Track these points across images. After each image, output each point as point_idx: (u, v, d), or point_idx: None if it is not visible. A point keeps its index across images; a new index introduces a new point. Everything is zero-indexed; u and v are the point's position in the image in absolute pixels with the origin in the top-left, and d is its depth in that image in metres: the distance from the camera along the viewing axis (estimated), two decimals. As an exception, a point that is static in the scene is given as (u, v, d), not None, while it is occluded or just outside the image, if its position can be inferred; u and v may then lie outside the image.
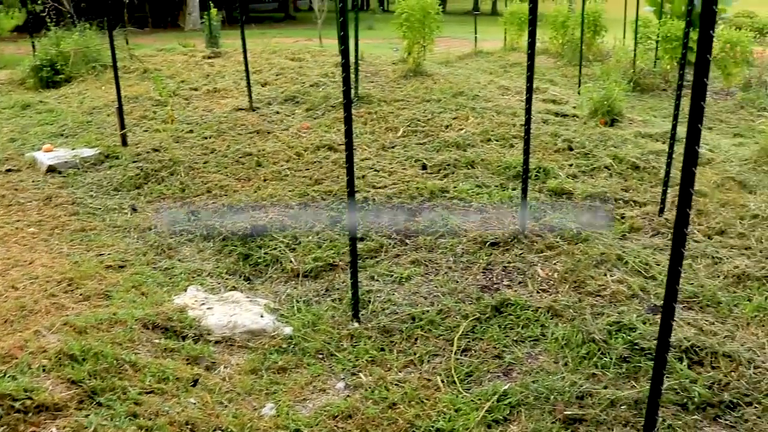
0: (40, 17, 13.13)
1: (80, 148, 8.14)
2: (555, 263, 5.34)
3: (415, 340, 4.50)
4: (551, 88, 11.45)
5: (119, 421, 3.48)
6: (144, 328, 4.41)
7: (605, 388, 3.92)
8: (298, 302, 5.01)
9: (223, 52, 13.47)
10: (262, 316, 4.70)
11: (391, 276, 5.27)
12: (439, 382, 4.07)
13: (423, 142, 7.96)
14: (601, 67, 13.46)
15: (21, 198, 6.83)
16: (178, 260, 5.66)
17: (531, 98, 5.38)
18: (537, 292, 4.99)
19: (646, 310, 4.69)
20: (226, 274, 5.46)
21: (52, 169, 7.58)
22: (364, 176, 7.00)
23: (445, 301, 4.89)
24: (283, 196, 6.66)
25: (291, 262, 5.52)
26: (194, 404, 3.74)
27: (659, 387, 3.10)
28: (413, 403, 3.85)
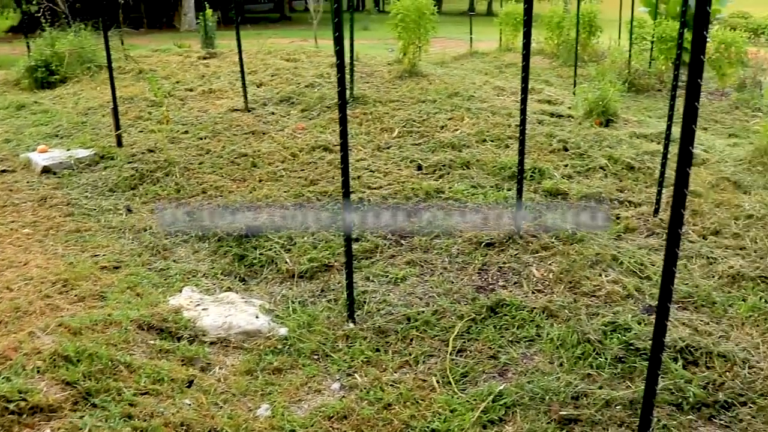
0: (35, 18, 13.09)
1: (75, 148, 8.12)
2: (550, 264, 5.35)
3: (411, 340, 4.50)
4: (546, 89, 11.47)
5: (114, 422, 3.47)
6: (139, 329, 4.40)
7: (600, 388, 3.93)
8: (293, 303, 5.01)
9: (219, 53, 13.46)
10: (258, 317, 4.70)
11: (387, 276, 5.27)
12: (434, 383, 4.07)
13: (418, 143, 7.97)
14: (596, 67, 13.43)
15: (16, 199, 6.81)
16: (173, 261, 5.65)
17: (526, 99, 5.39)
18: (532, 292, 5.00)
19: (641, 310, 4.70)
20: (222, 274, 5.45)
21: (47, 170, 7.57)
22: (359, 177, 7.01)
23: (441, 301, 4.90)
24: (278, 197, 6.66)
25: (286, 262, 5.52)
26: (189, 405, 3.74)
27: (654, 387, 3.10)
28: (408, 403, 3.85)
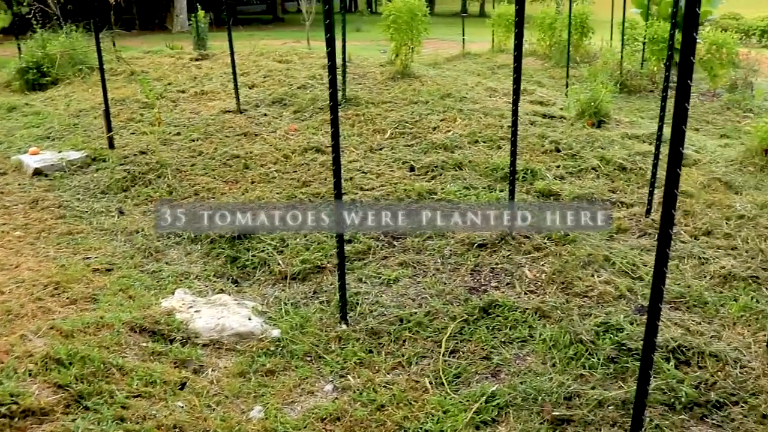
0: (26, 19, 13.04)
1: (67, 150, 8.09)
2: (543, 264, 5.36)
3: (403, 342, 4.51)
4: (539, 90, 11.50)
5: (106, 425, 3.47)
6: (131, 332, 4.39)
7: (593, 388, 3.94)
8: (285, 305, 5.01)
9: (211, 54, 13.44)
10: (250, 319, 4.69)
11: (379, 278, 5.27)
12: (427, 384, 4.07)
13: (410, 144, 7.97)
14: (588, 68, 13.51)
15: (7, 201, 6.78)
16: (166, 263, 5.64)
17: (518, 100, 5.40)
18: (525, 293, 5.01)
19: (633, 310, 4.71)
20: (214, 276, 5.44)
21: (38, 172, 7.54)
22: (351, 178, 7.00)
23: (433, 302, 4.90)
24: (270, 199, 6.65)
25: (279, 264, 5.51)
26: (182, 408, 3.73)
27: (646, 387, 3.11)
28: (401, 404, 3.86)
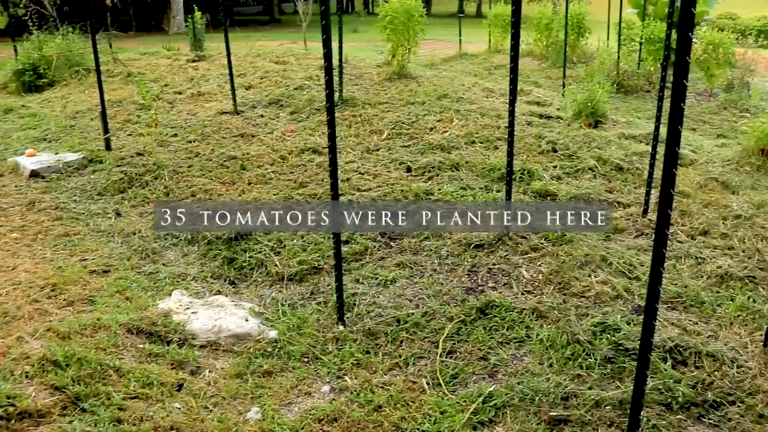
0: (23, 21, 13.04)
1: (63, 152, 8.08)
2: (540, 265, 5.36)
3: (401, 342, 4.51)
4: (535, 90, 11.49)
5: (103, 427, 3.47)
6: (128, 333, 4.38)
7: (590, 388, 3.94)
8: (283, 306, 5.01)
9: (208, 56, 13.43)
10: (247, 320, 4.69)
11: (376, 279, 5.27)
12: (424, 385, 4.07)
13: (407, 145, 7.97)
14: (585, 68, 13.51)
15: (4, 203, 6.77)
16: (163, 264, 5.64)
17: (515, 100, 5.40)
18: (522, 293, 5.01)
19: (630, 310, 4.72)
20: (211, 278, 5.44)
21: (35, 174, 7.53)
22: (348, 179, 7.00)
23: (430, 303, 4.90)
24: (267, 200, 6.64)
25: (276, 265, 5.51)
26: (179, 409, 3.73)
27: (643, 387, 3.12)
28: (399, 405, 3.86)
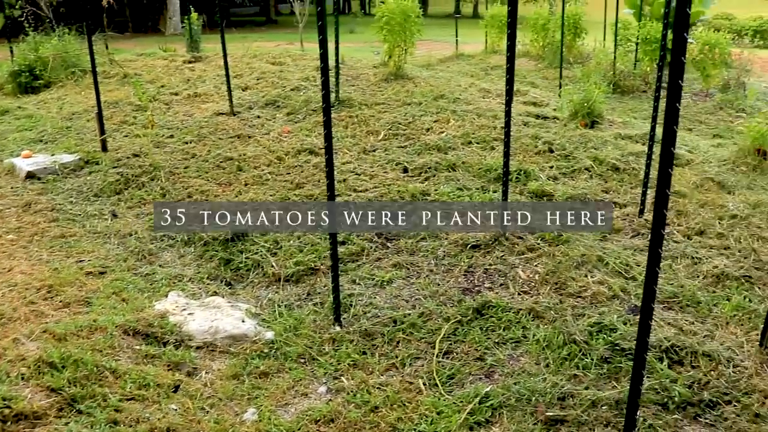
0: (18, 22, 13.00)
1: (60, 153, 8.07)
2: (536, 265, 5.37)
3: (397, 343, 4.51)
4: (532, 91, 11.50)
5: (100, 428, 3.46)
6: (124, 335, 4.38)
7: (586, 388, 3.95)
8: (279, 307, 5.00)
9: (204, 57, 13.42)
10: (244, 321, 4.69)
11: (373, 279, 5.27)
12: (421, 385, 4.07)
13: (404, 146, 7.97)
14: (581, 69, 13.53)
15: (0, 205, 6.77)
16: (159, 266, 5.63)
17: (511, 100, 5.41)
18: (518, 294, 5.01)
19: (627, 310, 4.72)
20: (207, 279, 5.44)
21: (31, 176, 7.52)
22: (345, 180, 7.00)
23: (427, 304, 4.90)
24: (264, 201, 6.64)
25: (272, 266, 5.51)
26: (175, 410, 3.73)
27: (639, 387, 3.12)
28: (395, 406, 3.86)
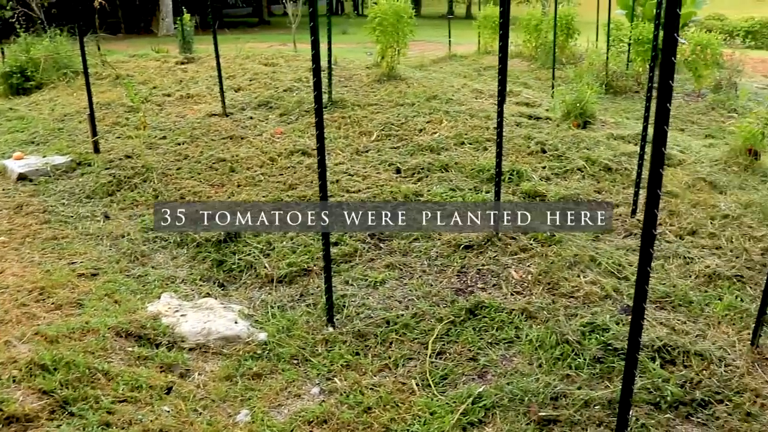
0: (10, 23, 12.97)
1: (51, 155, 8.05)
2: (529, 265, 5.37)
3: (390, 344, 4.51)
4: (524, 91, 11.52)
5: (92, 430, 3.46)
6: (117, 337, 4.37)
7: (579, 388, 3.95)
8: (272, 308, 5.00)
9: (197, 58, 13.40)
10: (237, 323, 4.68)
11: (366, 280, 5.27)
12: (414, 386, 4.08)
13: (397, 146, 7.98)
14: (574, 69, 13.56)
15: (-9, 206, 6.74)
16: (152, 267, 5.62)
17: (503, 101, 5.41)
18: (511, 294, 5.02)
19: (619, 310, 4.73)
20: (200, 280, 5.43)
21: (22, 177, 7.50)
22: (337, 181, 7.00)
23: (420, 304, 4.90)
24: (257, 202, 6.63)
25: (265, 267, 5.50)
26: (168, 412, 3.72)
27: (631, 386, 3.13)
28: (388, 407, 3.86)
